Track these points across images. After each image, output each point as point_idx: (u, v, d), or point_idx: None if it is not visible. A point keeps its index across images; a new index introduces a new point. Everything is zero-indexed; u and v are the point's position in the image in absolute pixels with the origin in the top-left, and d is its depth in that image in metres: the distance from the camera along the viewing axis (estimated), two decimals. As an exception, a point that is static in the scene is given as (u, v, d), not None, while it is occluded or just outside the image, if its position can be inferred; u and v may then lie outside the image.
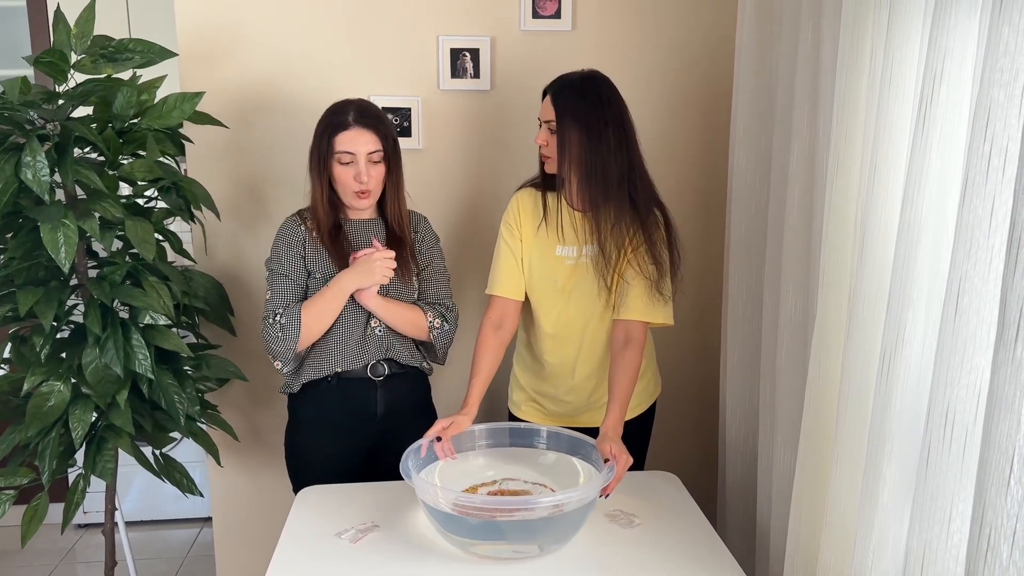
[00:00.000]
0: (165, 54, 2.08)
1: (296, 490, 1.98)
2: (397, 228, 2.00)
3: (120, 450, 2.14)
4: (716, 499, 2.36)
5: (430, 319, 2.01)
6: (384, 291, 1.96)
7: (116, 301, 2.04)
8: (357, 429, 2.03)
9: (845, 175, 1.41)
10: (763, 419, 1.92)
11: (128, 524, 3.12)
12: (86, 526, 3.32)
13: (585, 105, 1.85)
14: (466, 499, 1.56)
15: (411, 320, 1.99)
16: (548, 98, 1.89)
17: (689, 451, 2.61)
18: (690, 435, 2.62)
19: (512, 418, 2.14)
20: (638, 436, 2.07)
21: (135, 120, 2.12)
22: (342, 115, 1.91)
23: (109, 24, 2.38)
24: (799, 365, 1.70)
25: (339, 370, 1.98)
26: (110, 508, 2.31)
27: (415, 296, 2.03)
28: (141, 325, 2.07)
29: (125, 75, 2.12)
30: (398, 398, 2.03)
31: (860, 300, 1.35)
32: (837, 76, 1.42)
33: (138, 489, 3.32)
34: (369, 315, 1.98)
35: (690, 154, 2.47)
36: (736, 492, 2.18)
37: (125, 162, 2.11)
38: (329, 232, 1.96)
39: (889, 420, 1.25)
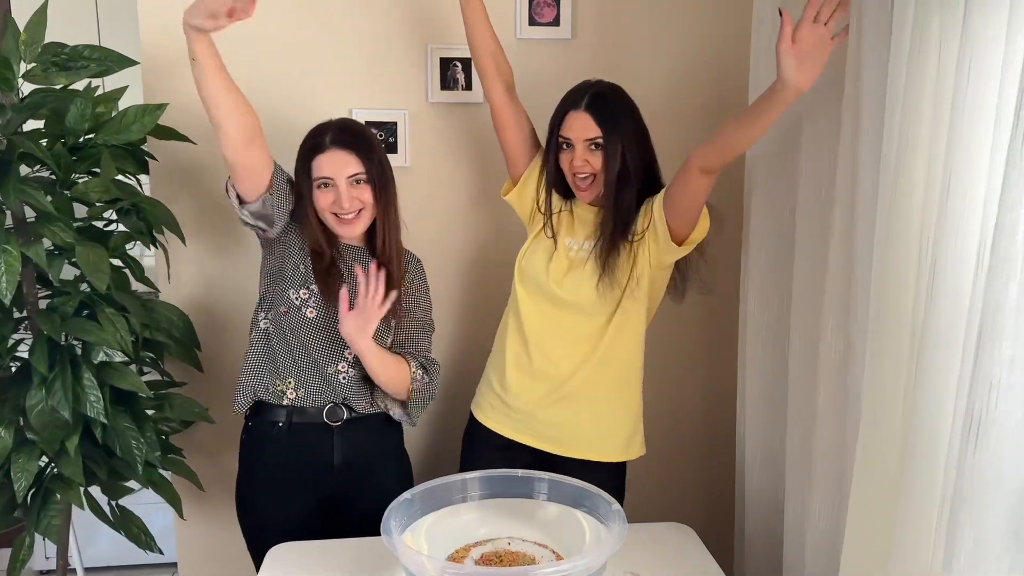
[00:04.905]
0: (124, 62, 1.92)
1: (251, 550, 1.80)
2: (387, 261, 1.81)
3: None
4: (732, 551, 2.19)
5: (412, 369, 1.83)
6: None
7: (67, 336, 1.85)
8: (312, 482, 1.84)
9: (906, 196, 1.21)
10: (791, 468, 1.74)
11: (96, 570, 2.96)
12: (48, 572, 3.09)
13: (630, 117, 1.82)
14: (456, 571, 1.37)
15: (395, 373, 1.81)
16: (583, 115, 1.79)
17: (703, 501, 2.46)
18: (704, 484, 2.46)
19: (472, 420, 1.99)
20: (611, 484, 1.87)
21: (90, 135, 1.94)
22: (319, 137, 1.77)
23: (78, 33, 2.23)
24: (838, 412, 1.51)
25: (292, 404, 1.81)
26: (62, 565, 2.11)
27: (391, 339, 1.86)
28: (95, 362, 1.88)
29: (82, 85, 1.95)
30: (359, 446, 1.84)
31: (931, 344, 1.15)
32: (890, 77, 1.23)
33: (107, 532, 3.09)
34: (339, 357, 1.80)
35: (700, 172, 2.32)
36: (757, 546, 2.01)
37: (80, 181, 1.92)
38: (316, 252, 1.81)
39: (975, 494, 1.04)
